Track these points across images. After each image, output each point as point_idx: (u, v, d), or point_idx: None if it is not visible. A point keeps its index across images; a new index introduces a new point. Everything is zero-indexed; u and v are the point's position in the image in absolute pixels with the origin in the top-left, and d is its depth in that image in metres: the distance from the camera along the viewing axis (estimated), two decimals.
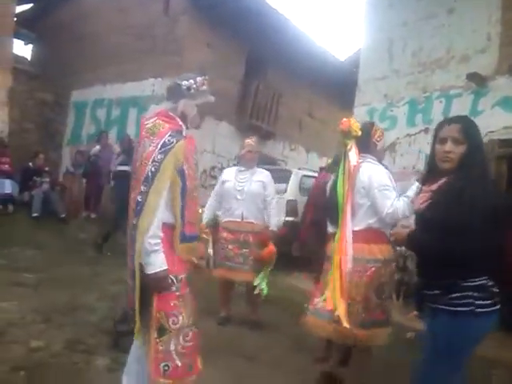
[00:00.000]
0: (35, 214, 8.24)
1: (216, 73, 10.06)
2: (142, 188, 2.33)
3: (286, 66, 11.23)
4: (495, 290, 2.12)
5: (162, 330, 2.32)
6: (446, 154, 2.18)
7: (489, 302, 2.08)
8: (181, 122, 2.50)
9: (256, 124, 11.03)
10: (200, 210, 2.74)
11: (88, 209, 9.45)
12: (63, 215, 8.59)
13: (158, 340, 2.32)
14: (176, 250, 2.39)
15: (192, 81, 2.53)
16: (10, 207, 8.21)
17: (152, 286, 2.32)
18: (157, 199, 2.30)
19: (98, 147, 9.52)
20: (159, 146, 2.34)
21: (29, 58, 13.18)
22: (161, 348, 2.32)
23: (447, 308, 2.11)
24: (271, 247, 4.55)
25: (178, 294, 2.37)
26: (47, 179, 8.88)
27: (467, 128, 2.20)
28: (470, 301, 2.06)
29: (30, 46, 13.42)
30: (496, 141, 6.46)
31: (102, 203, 9.66)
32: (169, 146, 2.34)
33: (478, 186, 2.07)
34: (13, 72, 9.83)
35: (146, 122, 2.47)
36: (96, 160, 9.44)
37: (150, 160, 2.34)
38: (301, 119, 13.46)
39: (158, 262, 2.29)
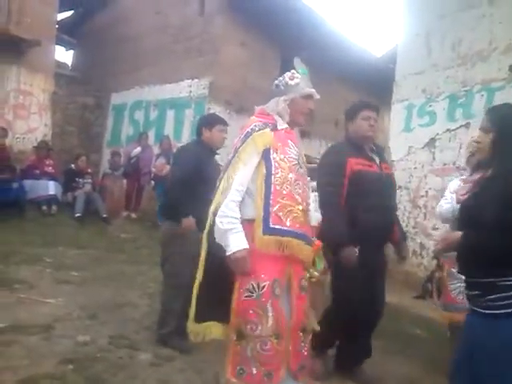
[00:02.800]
0: (78, 214, 8.48)
1: (251, 72, 10.14)
2: (222, 175, 2.40)
3: (321, 63, 11.13)
4: None
5: (240, 335, 2.29)
6: (476, 144, 2.17)
7: None
8: (277, 119, 2.50)
9: None
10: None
11: (128, 209, 9.65)
12: (105, 215, 8.80)
13: (236, 342, 2.31)
14: (258, 242, 2.28)
15: (280, 77, 2.55)
16: (54, 208, 8.47)
17: (232, 269, 2.27)
18: (228, 182, 2.31)
19: (138, 148, 9.70)
20: (242, 136, 2.41)
21: (70, 64, 13.58)
22: (239, 350, 2.30)
23: (485, 311, 1.95)
24: (318, 242, 4.41)
25: (257, 301, 2.27)
26: (89, 180, 9.12)
27: (494, 115, 2.12)
28: (510, 302, 1.88)
29: (71, 52, 13.84)
30: None
31: (142, 203, 9.87)
32: (249, 135, 2.38)
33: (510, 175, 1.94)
34: (55, 77, 10.17)
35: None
36: (137, 161, 9.63)
37: (233, 149, 2.42)
38: (337, 117, 13.34)
39: (235, 242, 2.23)
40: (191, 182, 3.54)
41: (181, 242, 3.62)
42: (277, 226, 2.29)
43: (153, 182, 9.55)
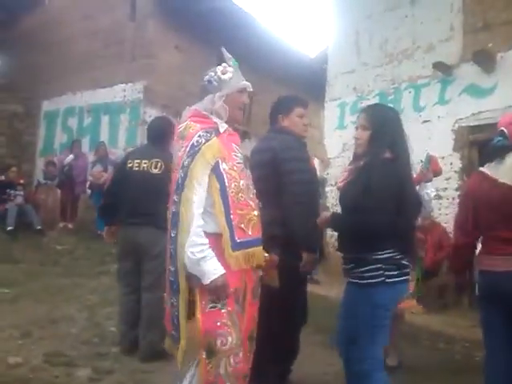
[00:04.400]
0: (10, 228, 8.08)
1: (187, 75, 10.05)
2: (175, 198, 2.18)
3: (257, 64, 11.22)
4: (404, 262, 2.32)
5: (210, 352, 2.13)
6: (356, 140, 2.47)
7: (396, 272, 2.29)
8: (216, 120, 2.29)
9: None
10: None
11: (65, 219, 9.31)
12: (39, 227, 8.45)
13: (207, 361, 2.14)
14: (228, 259, 2.16)
15: (212, 73, 2.35)
16: None
17: (212, 295, 2.12)
18: (189, 207, 2.12)
19: (71, 156, 9.37)
20: (188, 149, 2.18)
21: None
22: (211, 370, 2.13)
23: (359, 281, 2.32)
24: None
25: (224, 311, 2.14)
26: (21, 192, 8.72)
27: (372, 115, 2.46)
28: (380, 272, 2.26)
29: None
30: (466, 128, 6.59)
31: (79, 213, 9.56)
32: (197, 148, 2.16)
33: (379, 169, 2.29)
34: None
35: (179, 127, 2.32)
36: (70, 169, 9.31)
37: (180, 166, 2.19)
38: None
39: (211, 269, 2.09)
40: None
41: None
42: (243, 240, 2.20)
43: (89, 191, 9.28)
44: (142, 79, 9.65)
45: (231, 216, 2.17)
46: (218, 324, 2.12)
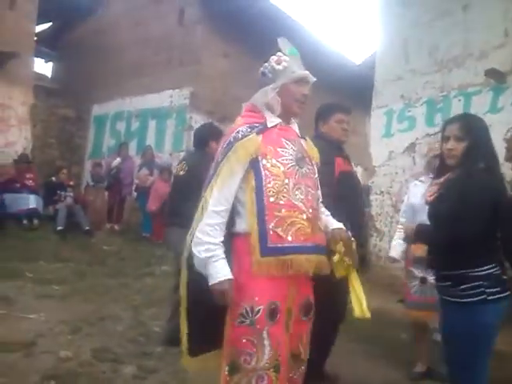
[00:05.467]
0: (60, 228, 8.36)
1: (232, 81, 10.17)
2: (203, 195, 2.06)
3: None
4: (504, 277, 2.20)
5: (232, 368, 1.97)
6: (449, 152, 2.32)
7: (498, 288, 2.15)
8: (267, 114, 2.14)
9: None
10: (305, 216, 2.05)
11: (111, 221, 9.57)
12: (87, 228, 8.71)
13: (228, 378, 1.98)
14: (255, 265, 1.97)
15: (266, 64, 2.18)
16: (36, 222, 8.34)
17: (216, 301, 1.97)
18: (205, 204, 2.00)
19: (118, 159, 9.63)
20: (224, 146, 2.07)
21: (49, 76, 13.48)
22: None
23: (457, 300, 2.19)
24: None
25: (251, 328, 1.95)
26: (71, 193, 9.01)
27: (467, 125, 2.32)
28: (481, 290, 2.13)
29: (51, 64, 13.74)
30: None
31: (125, 215, 9.80)
32: (231, 145, 2.03)
33: (477, 180, 2.18)
34: (34, 89, 10.10)
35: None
36: (117, 172, 9.56)
37: (214, 163, 2.08)
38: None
39: (214, 273, 1.94)
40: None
41: None
42: (277, 245, 1.98)
43: (135, 193, 9.51)
44: (188, 85, 9.83)
45: (265, 217, 1.98)
46: (244, 341, 1.96)
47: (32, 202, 8.43)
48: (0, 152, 9.32)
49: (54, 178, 9.14)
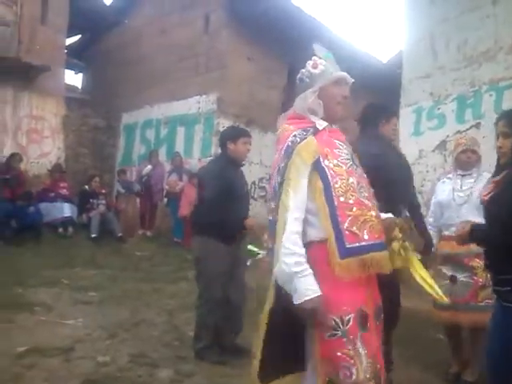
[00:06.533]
0: (94, 235, 8.56)
1: (258, 85, 10.21)
2: (272, 205, 2.01)
3: None
4: None
5: None
6: (499, 150, 2.28)
7: None
8: (313, 119, 2.09)
9: None
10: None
11: (143, 227, 9.71)
12: (120, 234, 8.87)
13: None
14: (336, 269, 1.88)
15: (303, 69, 2.16)
16: (70, 229, 8.56)
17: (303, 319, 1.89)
18: (283, 213, 1.91)
19: (149, 166, 9.77)
20: (283, 152, 2.01)
21: (80, 86, 13.81)
22: None
23: None
24: None
25: (345, 339, 1.85)
26: (103, 201, 9.20)
27: (511, 121, 2.26)
28: None
29: (80, 75, 14.08)
30: None
31: (156, 221, 9.93)
32: (291, 149, 1.97)
33: None
34: (66, 100, 10.37)
35: (278, 131, 2.16)
36: (148, 179, 9.70)
37: (276, 170, 2.03)
38: (346, 124, 13.34)
39: (302, 288, 1.82)
40: (221, 201, 3.65)
41: (213, 256, 3.71)
42: (355, 245, 1.91)
43: (166, 199, 9.62)
44: (215, 90, 9.90)
45: (338, 218, 1.91)
46: (339, 354, 1.85)
47: (66, 210, 8.66)
48: (35, 162, 9.60)
49: (86, 187, 9.35)
